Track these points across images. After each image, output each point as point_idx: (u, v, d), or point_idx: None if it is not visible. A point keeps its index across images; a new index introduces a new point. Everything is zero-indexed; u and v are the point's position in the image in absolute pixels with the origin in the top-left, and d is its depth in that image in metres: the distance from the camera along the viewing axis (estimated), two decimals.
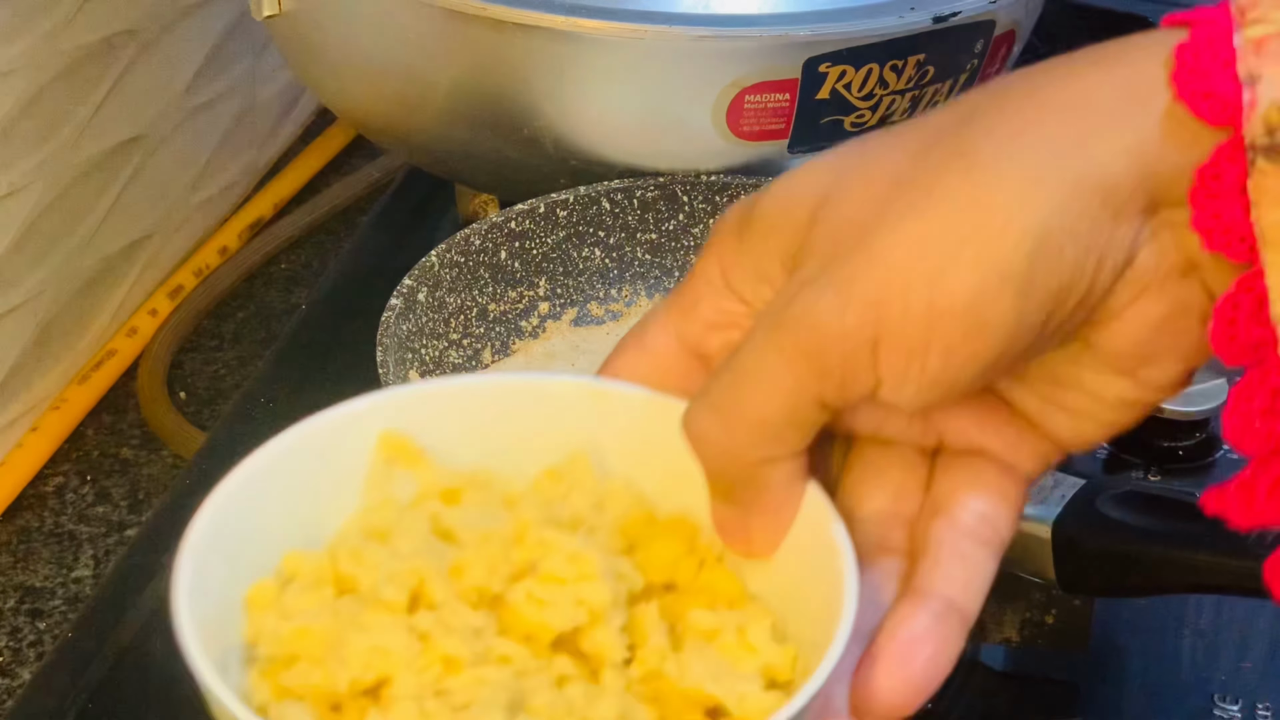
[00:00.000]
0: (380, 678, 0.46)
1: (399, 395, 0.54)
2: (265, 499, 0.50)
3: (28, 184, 0.93)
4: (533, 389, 0.54)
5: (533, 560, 0.49)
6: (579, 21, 0.84)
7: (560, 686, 0.47)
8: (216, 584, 0.48)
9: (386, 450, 0.54)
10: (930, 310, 0.45)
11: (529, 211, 0.87)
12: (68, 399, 0.99)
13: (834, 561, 0.48)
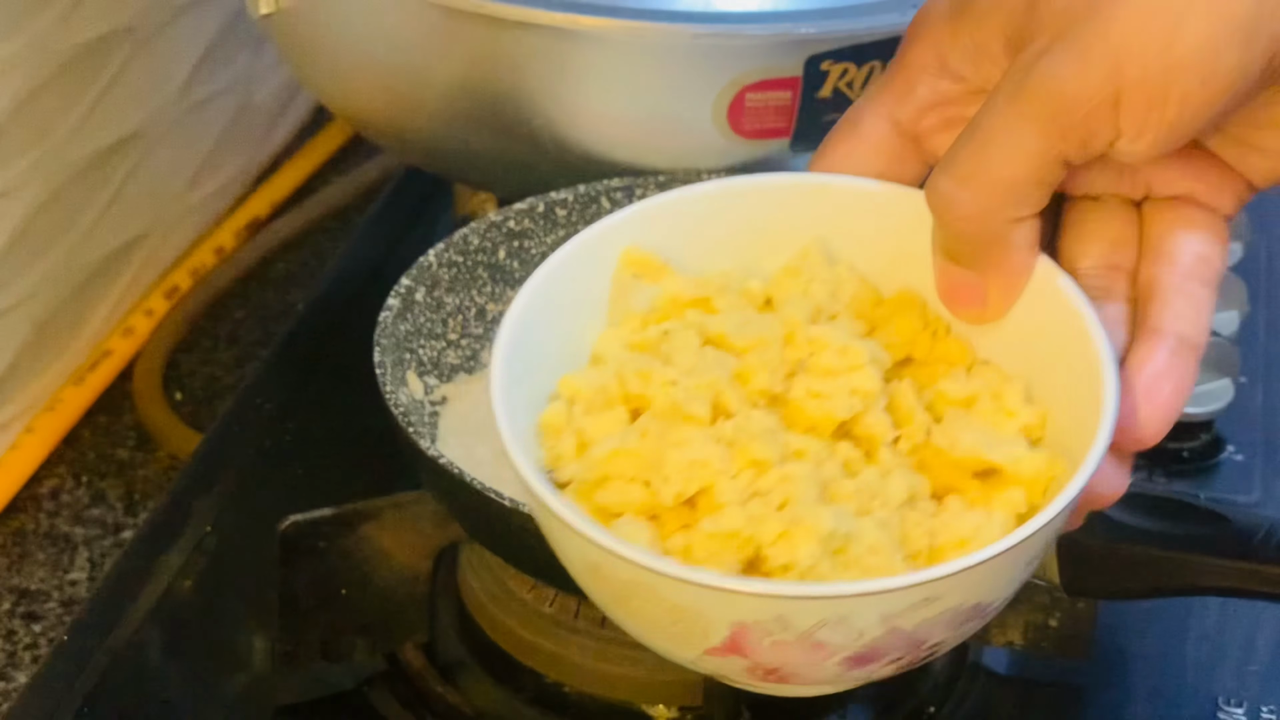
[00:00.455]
0: (702, 488, 0.49)
1: (635, 212, 0.57)
2: (536, 328, 0.54)
3: (22, 183, 0.93)
4: (757, 189, 0.57)
5: (802, 358, 0.53)
6: (579, 19, 0.83)
7: (850, 472, 0.51)
8: (517, 414, 0.51)
9: (630, 267, 0.57)
10: (1167, 63, 0.49)
11: (528, 210, 0.86)
12: (63, 400, 0.99)
13: (1070, 318, 0.53)
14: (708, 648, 0.49)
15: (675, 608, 0.48)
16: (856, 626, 0.48)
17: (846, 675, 0.51)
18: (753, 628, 0.48)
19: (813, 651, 0.48)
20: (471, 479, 0.70)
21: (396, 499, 0.77)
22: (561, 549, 0.52)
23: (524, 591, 0.79)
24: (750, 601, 0.47)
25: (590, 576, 0.51)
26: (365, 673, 0.79)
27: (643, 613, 0.50)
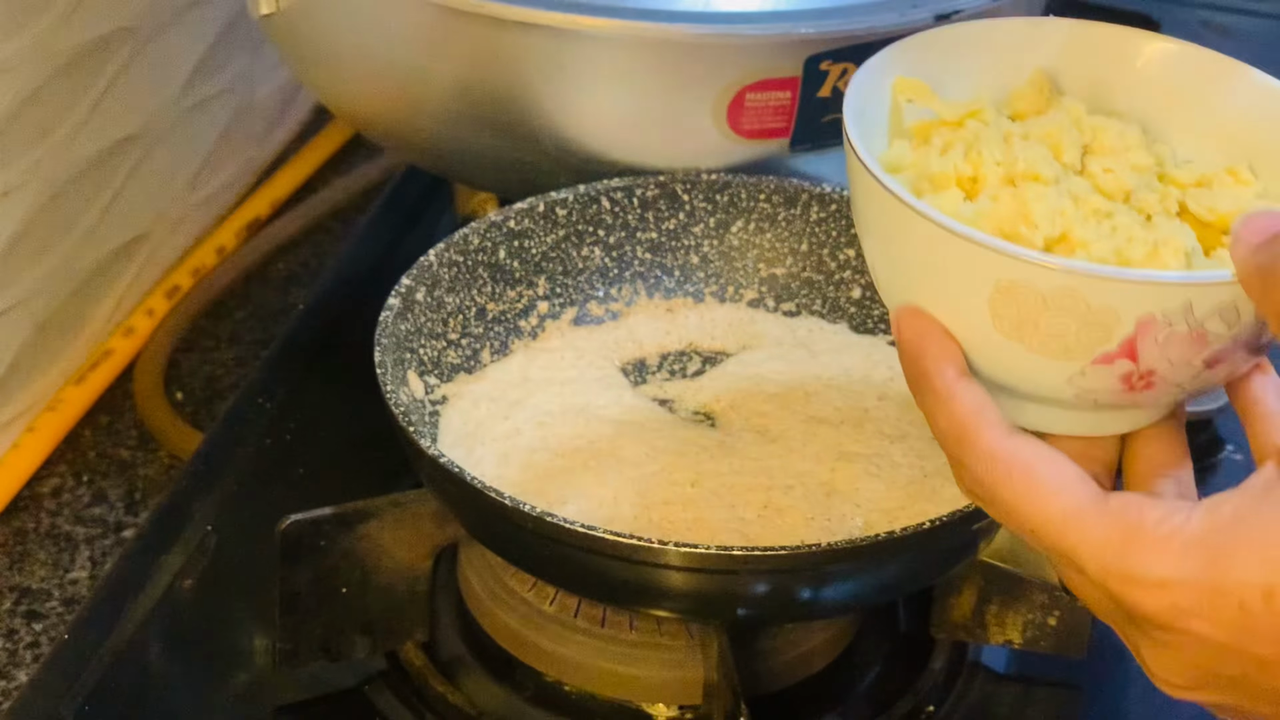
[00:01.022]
0: (1063, 232, 0.57)
1: (907, 45, 0.64)
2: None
3: (23, 183, 0.93)
4: (989, 27, 0.66)
5: (1087, 141, 0.62)
6: (579, 19, 0.84)
7: (1146, 227, 0.59)
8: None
9: (904, 92, 0.63)
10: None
11: (528, 210, 0.86)
12: (64, 399, 0.99)
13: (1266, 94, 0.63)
14: (1101, 353, 0.55)
15: (1090, 310, 0.54)
16: (1239, 309, 0.54)
17: (1200, 377, 0.56)
18: (1158, 320, 0.54)
19: (1193, 345, 0.55)
20: (472, 478, 0.70)
21: (397, 498, 0.77)
22: (970, 275, 0.55)
23: (524, 590, 0.79)
24: (1170, 291, 0.54)
25: (999, 297, 0.55)
26: (365, 671, 0.79)
27: (1048, 325, 0.55)
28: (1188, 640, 0.51)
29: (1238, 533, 0.50)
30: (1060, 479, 0.53)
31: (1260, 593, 0.49)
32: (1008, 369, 0.57)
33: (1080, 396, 0.56)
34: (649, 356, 0.87)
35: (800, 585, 0.70)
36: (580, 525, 0.68)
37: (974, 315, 0.56)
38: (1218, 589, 0.49)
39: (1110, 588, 0.51)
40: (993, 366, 0.57)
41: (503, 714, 0.77)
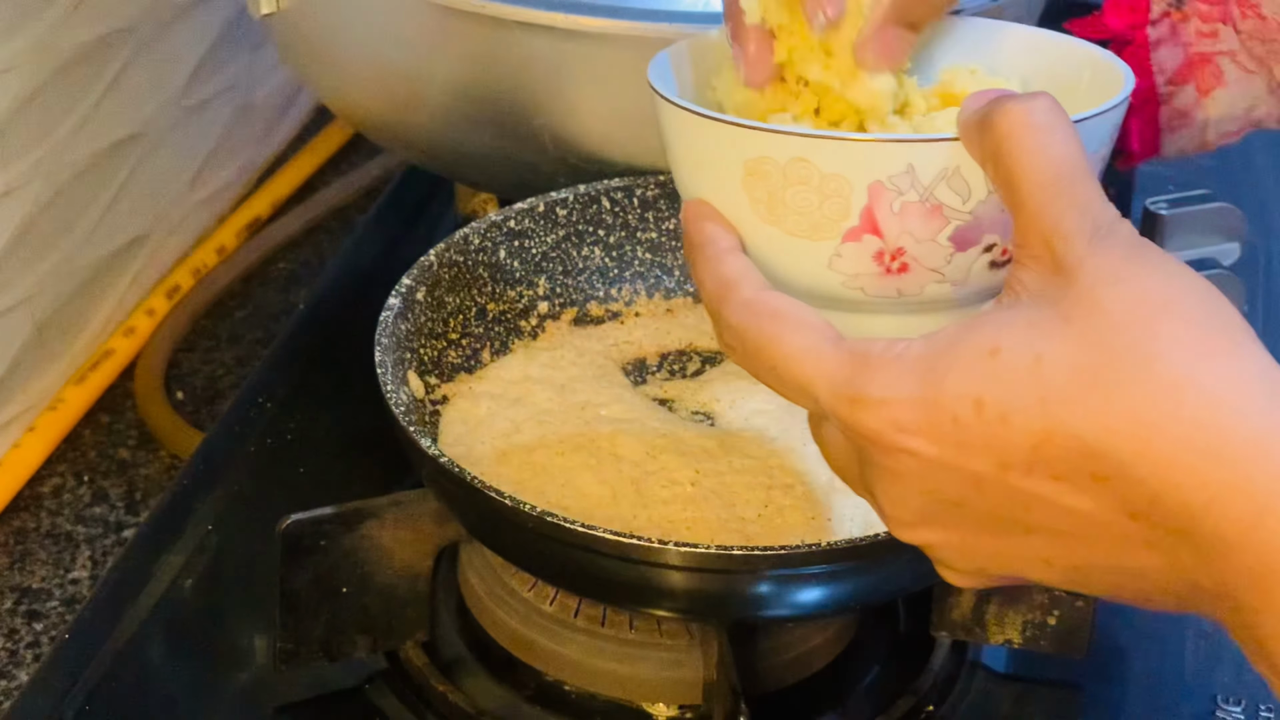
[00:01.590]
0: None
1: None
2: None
3: (24, 183, 0.93)
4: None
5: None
6: (580, 19, 0.84)
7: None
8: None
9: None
10: None
11: (528, 210, 0.87)
12: (65, 399, 0.99)
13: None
14: (847, 228, 0.58)
15: (823, 179, 0.57)
16: (967, 180, 0.56)
17: (956, 262, 0.58)
18: (886, 187, 0.56)
19: (930, 218, 0.57)
20: (472, 478, 0.70)
21: (397, 498, 0.77)
22: (721, 155, 0.59)
23: (524, 590, 0.79)
24: (888, 150, 0.56)
25: (749, 178, 0.58)
26: (366, 671, 0.79)
27: (794, 200, 0.58)
28: (910, 463, 0.52)
29: (952, 350, 0.52)
30: (801, 320, 0.56)
31: (971, 403, 0.51)
32: (775, 257, 0.60)
33: (848, 283, 0.59)
34: (649, 356, 0.87)
35: (800, 585, 0.70)
36: (580, 525, 0.68)
37: (736, 200, 0.59)
38: (932, 402, 0.51)
39: (840, 414, 0.54)
40: (764, 257, 0.60)
41: (503, 713, 0.77)
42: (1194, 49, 0.69)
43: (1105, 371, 0.49)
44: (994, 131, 0.54)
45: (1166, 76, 0.69)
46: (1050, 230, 0.52)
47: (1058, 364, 0.50)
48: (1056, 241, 0.52)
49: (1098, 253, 0.51)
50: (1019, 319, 0.51)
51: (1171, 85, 0.69)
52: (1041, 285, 0.52)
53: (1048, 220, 0.52)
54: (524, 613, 0.79)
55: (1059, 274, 0.51)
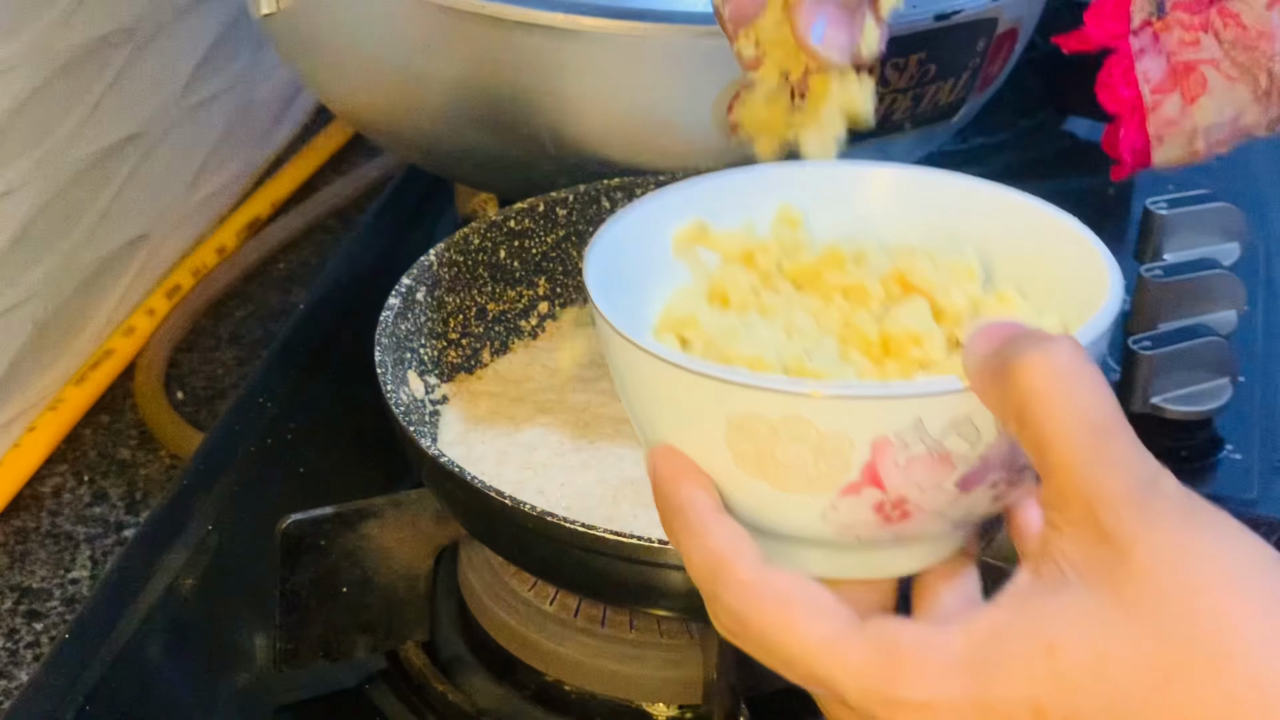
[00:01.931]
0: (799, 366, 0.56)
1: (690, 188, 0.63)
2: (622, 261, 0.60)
3: (25, 183, 0.93)
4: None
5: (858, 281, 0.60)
6: (579, 19, 0.84)
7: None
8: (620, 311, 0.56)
9: (682, 244, 0.62)
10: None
11: (528, 210, 0.87)
12: (65, 399, 0.99)
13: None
14: (846, 483, 0.52)
15: (821, 437, 0.51)
16: (976, 425, 0.51)
17: (959, 502, 0.53)
18: (892, 442, 0.51)
19: (938, 467, 0.52)
20: (472, 477, 0.70)
21: (397, 498, 0.77)
22: (701, 410, 0.53)
23: (524, 590, 0.79)
24: (895, 406, 0.51)
25: (734, 434, 0.53)
26: (366, 671, 0.79)
27: (787, 458, 0.52)
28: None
29: (997, 648, 0.48)
30: (815, 605, 0.51)
31: (1028, 710, 0.47)
32: (761, 509, 0.54)
33: (841, 532, 0.54)
34: None
35: None
36: (580, 524, 0.68)
37: (717, 455, 0.54)
38: (983, 707, 0.48)
39: (874, 714, 0.49)
40: (747, 508, 0.55)
41: (503, 713, 0.77)
42: (1177, 57, 0.68)
43: (1178, 671, 0.45)
44: (1015, 387, 0.49)
45: (1152, 85, 0.68)
46: (1093, 497, 0.47)
47: (1124, 663, 0.46)
48: (1101, 510, 0.47)
49: (1149, 522, 0.47)
50: (1072, 608, 0.47)
51: (1157, 94, 0.69)
52: (1088, 558, 0.47)
53: (1089, 486, 0.47)
54: (524, 612, 0.79)
55: (1106, 544, 0.47)
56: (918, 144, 0.97)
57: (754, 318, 0.59)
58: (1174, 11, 0.67)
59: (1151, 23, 0.67)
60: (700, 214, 0.62)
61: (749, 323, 0.58)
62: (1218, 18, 0.66)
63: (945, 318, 0.58)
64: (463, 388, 0.83)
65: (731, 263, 0.61)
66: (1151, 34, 0.67)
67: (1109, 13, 0.68)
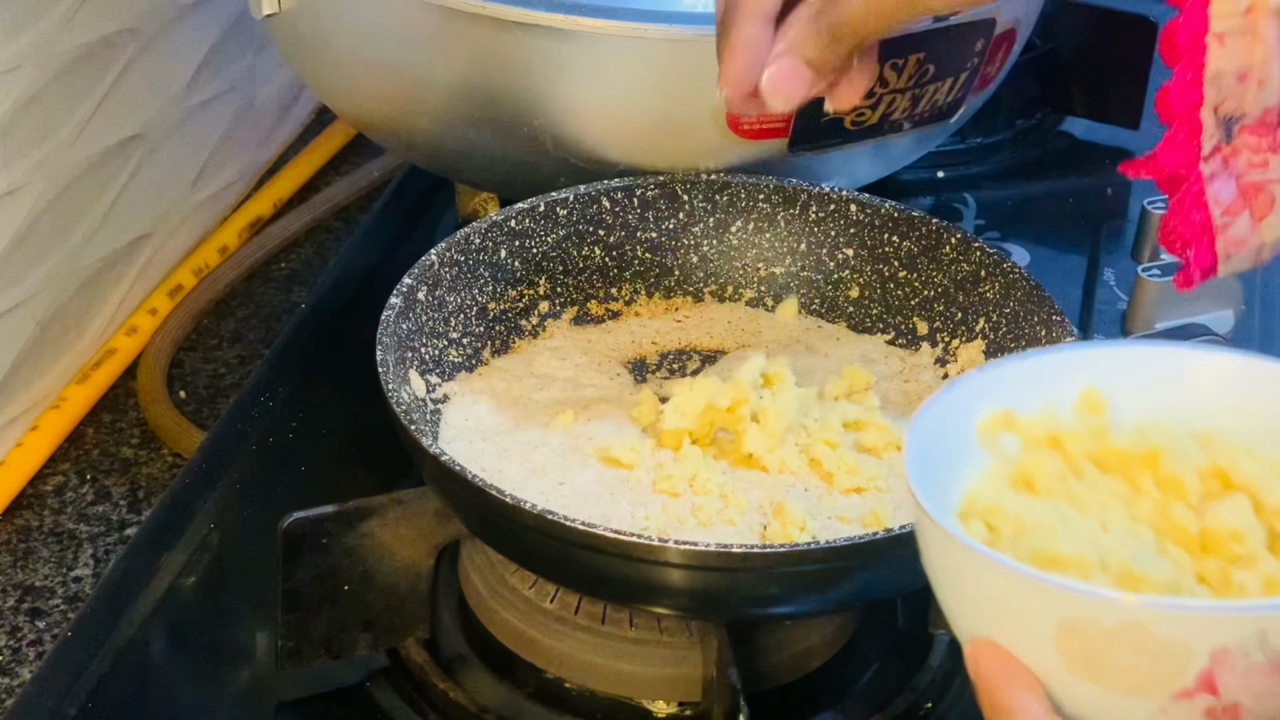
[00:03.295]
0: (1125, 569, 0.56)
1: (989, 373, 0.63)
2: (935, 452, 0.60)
3: (27, 183, 0.93)
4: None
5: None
6: (580, 20, 0.84)
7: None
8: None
9: (985, 434, 0.62)
10: None
11: (529, 210, 0.87)
12: (67, 398, 0.99)
13: None
14: (1179, 689, 0.52)
15: (1159, 645, 0.52)
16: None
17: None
18: (1233, 651, 0.51)
19: (1274, 676, 0.52)
20: (473, 476, 0.70)
21: (398, 496, 0.77)
22: (1032, 612, 0.54)
23: (525, 588, 0.79)
24: (1238, 623, 0.51)
25: (1065, 636, 0.53)
26: (367, 668, 0.79)
27: (1118, 662, 0.53)
28: None
29: None
30: None
31: None
32: (1088, 709, 0.55)
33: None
34: (649, 355, 0.87)
35: (800, 584, 0.71)
36: (580, 523, 0.68)
37: (1044, 654, 0.54)
38: None
39: None
40: (1073, 706, 0.55)
41: (504, 711, 0.78)
42: (1246, 179, 0.69)
43: None
44: None
45: (1222, 208, 0.69)
46: None
47: None
48: None
49: None
50: None
51: (1227, 216, 0.69)
52: None
53: None
54: (524, 610, 0.79)
55: None
56: (916, 144, 0.97)
57: (1064, 507, 0.59)
58: (1242, 135, 0.68)
59: (1220, 148, 0.68)
60: (1004, 400, 0.61)
61: (1061, 513, 0.59)
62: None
63: (1265, 513, 0.58)
64: (464, 387, 0.83)
65: (1036, 448, 0.61)
66: (1221, 159, 0.68)
67: (1181, 142, 0.68)
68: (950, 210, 1.14)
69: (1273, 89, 0.66)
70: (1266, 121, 0.67)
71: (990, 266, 0.85)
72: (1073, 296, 1.04)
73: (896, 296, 0.88)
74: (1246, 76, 0.65)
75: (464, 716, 0.77)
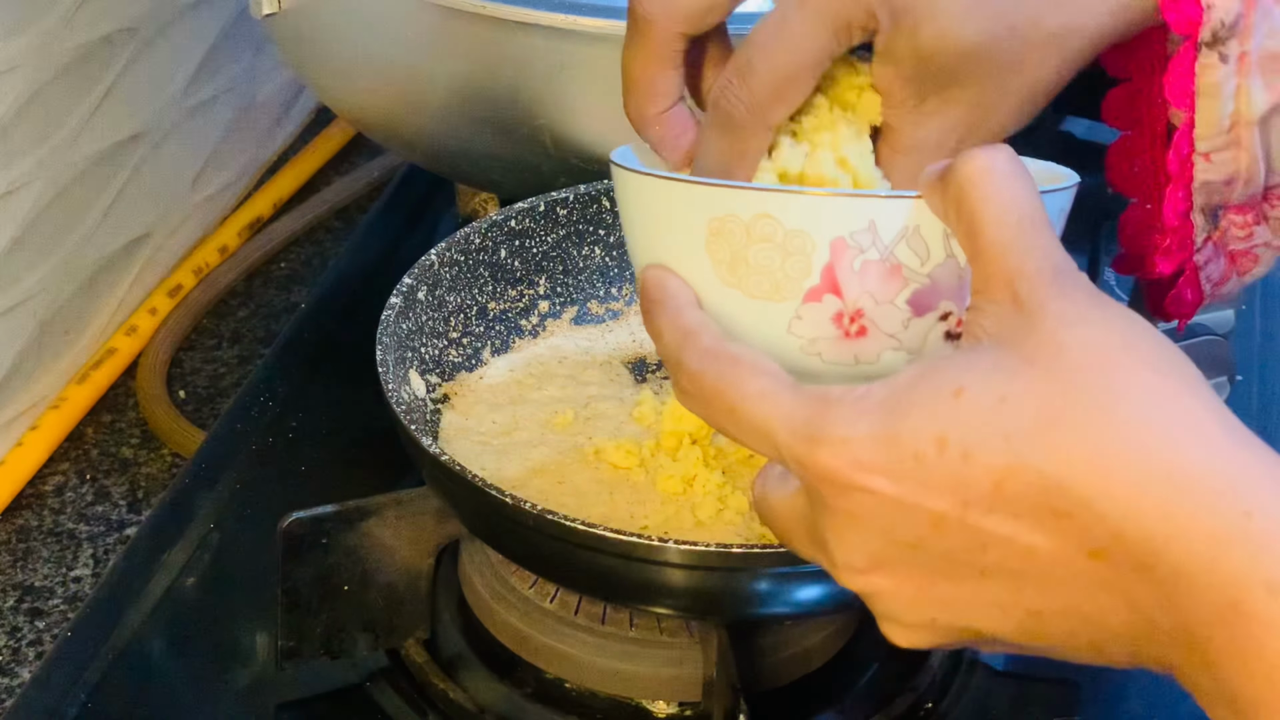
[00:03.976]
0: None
1: None
2: None
3: (27, 182, 0.93)
4: None
5: None
6: (579, 20, 0.84)
7: None
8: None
9: None
10: None
11: (529, 210, 0.87)
12: (67, 398, 0.99)
13: None
14: (808, 288, 0.58)
15: (787, 235, 0.57)
16: (926, 240, 0.57)
17: (912, 327, 0.58)
18: (848, 245, 0.57)
19: (890, 278, 0.57)
20: (473, 476, 0.70)
21: (398, 496, 0.77)
22: (682, 220, 0.60)
23: (525, 587, 0.79)
24: (852, 206, 0.57)
25: (713, 239, 0.59)
26: (367, 668, 0.79)
27: (755, 260, 0.58)
28: (868, 502, 0.52)
29: (914, 389, 0.52)
30: (761, 365, 0.56)
31: (933, 441, 0.50)
32: (735, 322, 0.59)
33: (807, 350, 0.59)
34: (649, 355, 0.87)
35: (800, 583, 0.70)
36: (581, 523, 0.68)
37: (698, 265, 0.59)
38: (893, 440, 0.51)
39: (797, 454, 0.53)
40: (724, 323, 0.59)
41: (504, 711, 0.78)
42: (1232, 248, 0.71)
43: (1069, 411, 0.49)
44: (955, 178, 0.54)
45: (1214, 281, 0.71)
46: (1013, 272, 0.52)
47: (1022, 403, 0.50)
48: (1019, 282, 0.52)
49: (1060, 296, 0.51)
50: (982, 361, 0.51)
51: (1218, 286, 0.71)
52: (1002, 328, 0.52)
53: (1011, 262, 0.52)
54: (524, 610, 0.79)
55: (1020, 315, 0.52)
56: None
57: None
58: (1228, 215, 0.70)
59: (1211, 235, 0.70)
60: None
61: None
62: (1267, 205, 0.70)
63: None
64: (464, 387, 0.83)
65: None
66: (1212, 245, 0.71)
67: (1175, 246, 0.70)
68: None
69: (1258, 183, 0.68)
70: (1251, 202, 0.69)
71: None
72: None
73: None
74: (1234, 181, 0.68)
75: (464, 716, 0.77)
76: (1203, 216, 0.70)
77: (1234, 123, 0.66)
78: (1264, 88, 0.66)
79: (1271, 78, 0.66)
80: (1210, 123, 0.66)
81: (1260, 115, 0.66)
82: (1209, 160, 0.67)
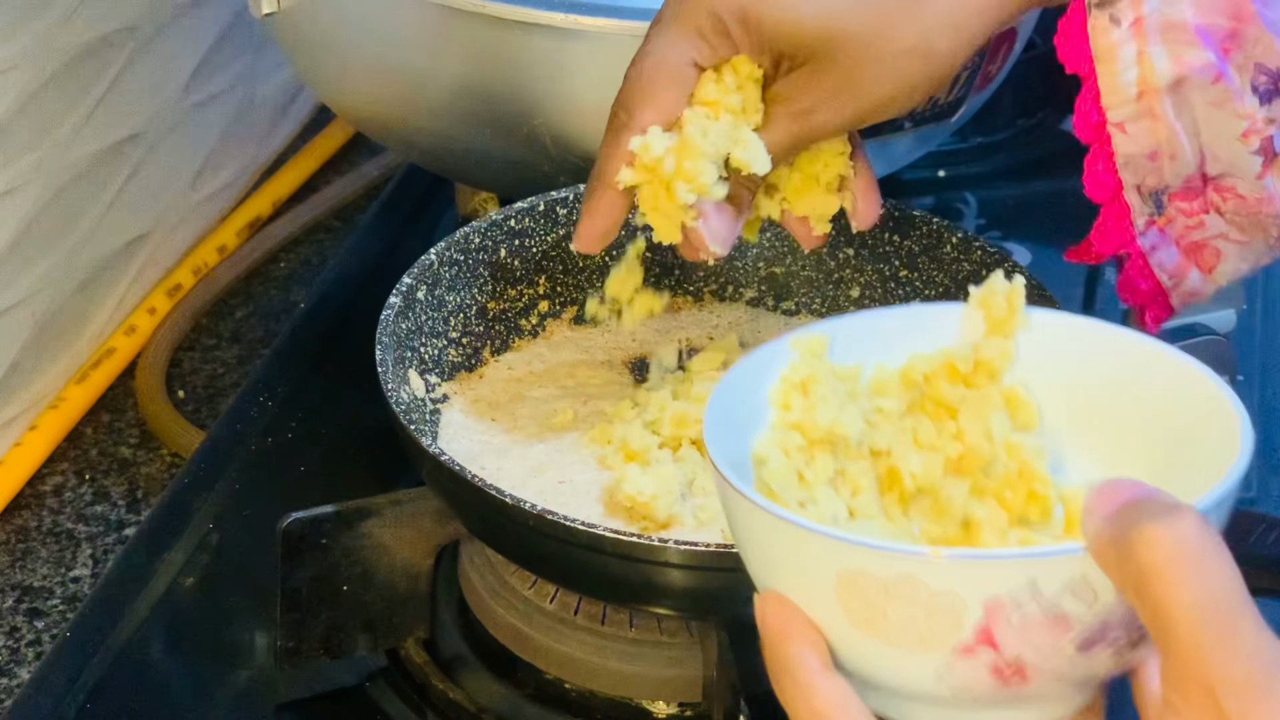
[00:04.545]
0: None
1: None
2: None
3: (26, 182, 0.93)
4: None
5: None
6: (580, 19, 0.84)
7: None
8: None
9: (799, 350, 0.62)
10: None
11: (528, 210, 0.87)
12: (66, 398, 0.99)
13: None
14: (959, 644, 0.52)
15: (932, 596, 0.51)
16: (1093, 586, 0.51)
17: (1078, 664, 0.53)
18: (1005, 602, 0.51)
19: (1054, 629, 0.51)
20: (472, 476, 0.70)
21: (398, 496, 0.77)
22: (807, 564, 0.54)
23: (524, 588, 0.79)
24: (1006, 569, 0.51)
25: (844, 590, 0.53)
26: (367, 669, 0.79)
27: (896, 615, 0.52)
28: None
29: None
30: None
31: None
32: (872, 665, 0.54)
33: (958, 693, 0.54)
34: (648, 355, 0.87)
35: None
36: (580, 523, 0.68)
37: (827, 608, 0.54)
38: None
39: None
40: (860, 663, 0.55)
41: (503, 711, 0.78)
42: (1186, 240, 0.70)
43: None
44: (1134, 560, 0.48)
45: (1169, 273, 0.70)
46: (1216, 682, 0.46)
47: None
48: (1223, 695, 0.46)
49: (1273, 711, 0.46)
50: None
51: (1175, 278, 0.70)
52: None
53: (1212, 671, 0.47)
54: (524, 611, 0.79)
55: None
56: (917, 143, 0.97)
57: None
58: (1173, 202, 0.69)
59: (1154, 220, 0.70)
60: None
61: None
62: (1215, 195, 0.69)
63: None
64: (463, 386, 0.83)
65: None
66: (1157, 231, 0.70)
67: (1112, 226, 0.70)
68: (951, 209, 1.14)
69: (1185, 159, 0.67)
70: (1192, 187, 0.68)
71: (992, 266, 0.85)
72: (1074, 296, 1.04)
73: (897, 296, 0.88)
74: (1157, 155, 0.67)
75: (464, 717, 0.77)
76: (1138, 196, 0.69)
77: (1142, 90, 0.66)
78: (1167, 56, 0.65)
79: (1175, 47, 0.65)
80: (1114, 89, 0.66)
81: (1167, 83, 0.65)
82: (1124, 131, 0.66)
